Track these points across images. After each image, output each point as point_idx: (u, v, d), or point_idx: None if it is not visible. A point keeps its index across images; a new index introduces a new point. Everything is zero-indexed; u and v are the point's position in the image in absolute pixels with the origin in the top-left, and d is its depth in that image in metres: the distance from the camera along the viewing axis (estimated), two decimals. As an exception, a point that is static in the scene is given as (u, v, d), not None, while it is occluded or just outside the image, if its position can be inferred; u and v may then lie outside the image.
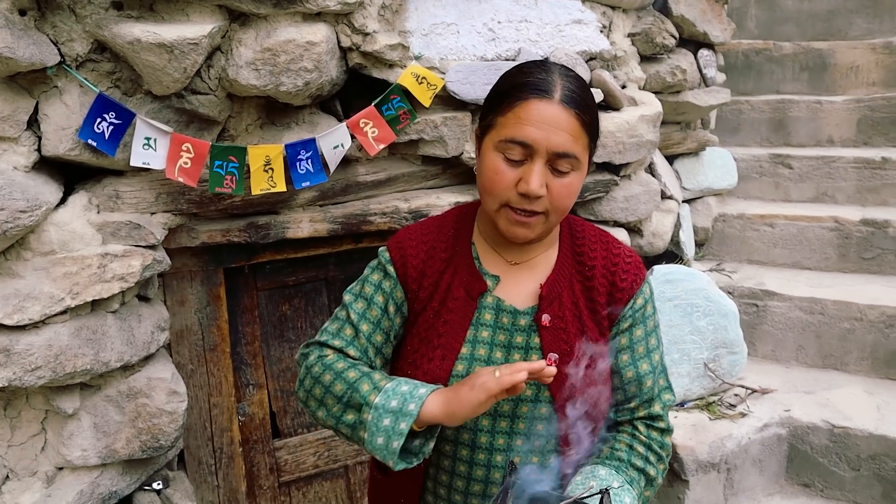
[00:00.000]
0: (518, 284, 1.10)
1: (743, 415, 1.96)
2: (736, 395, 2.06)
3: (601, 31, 1.97)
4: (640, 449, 1.09)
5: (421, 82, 1.64)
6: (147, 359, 1.52)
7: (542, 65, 1.03)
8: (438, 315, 1.09)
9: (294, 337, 1.90)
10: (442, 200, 1.77)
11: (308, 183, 1.55)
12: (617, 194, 2.02)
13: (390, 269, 1.10)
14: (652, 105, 2.00)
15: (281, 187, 1.51)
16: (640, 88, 2.10)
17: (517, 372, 0.93)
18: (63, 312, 1.34)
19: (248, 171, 1.48)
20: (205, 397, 1.75)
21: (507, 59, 1.80)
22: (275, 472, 1.91)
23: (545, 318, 1.07)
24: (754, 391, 2.06)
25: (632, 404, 1.11)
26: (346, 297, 1.11)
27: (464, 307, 1.09)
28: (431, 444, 0.98)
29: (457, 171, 1.84)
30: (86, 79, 1.32)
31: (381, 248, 1.13)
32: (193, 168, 1.42)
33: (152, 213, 1.47)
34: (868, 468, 1.82)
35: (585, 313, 1.09)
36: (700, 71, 2.27)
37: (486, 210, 1.04)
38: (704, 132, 2.52)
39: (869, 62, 3.18)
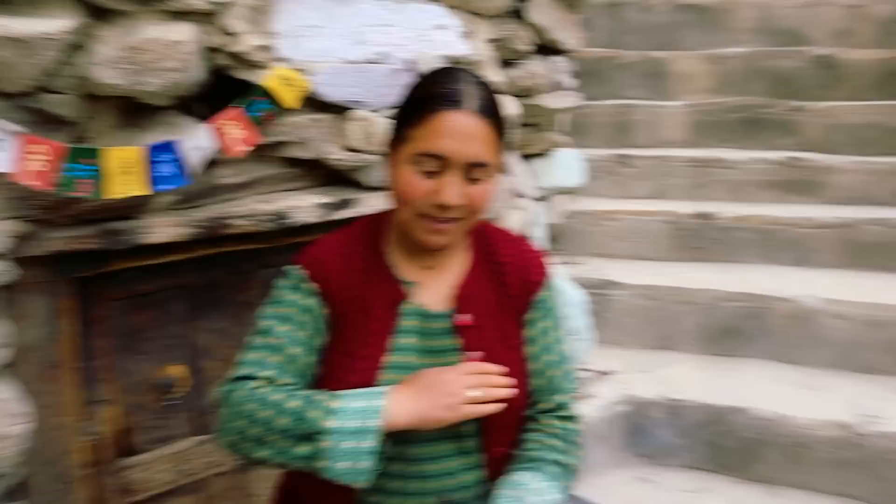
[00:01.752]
0: (435, 288, 1.15)
1: (589, 396, 2.23)
2: (582, 378, 2.32)
3: (463, 37, 2.13)
4: (549, 440, 1.16)
5: (287, 84, 1.70)
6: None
7: (451, 73, 1.08)
8: (362, 327, 1.12)
9: (150, 348, 1.88)
10: (304, 202, 1.83)
11: (169, 186, 1.56)
12: (477, 193, 2.20)
13: (310, 286, 1.12)
14: (510, 109, 2.19)
15: (141, 191, 1.52)
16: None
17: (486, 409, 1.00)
18: None
19: (106, 174, 1.48)
20: (49, 418, 1.70)
21: (374, 63, 1.91)
22: (126, 492, 1.88)
23: (465, 318, 1.13)
24: (599, 373, 2.34)
25: (539, 397, 1.19)
26: (265, 323, 1.11)
27: (386, 316, 1.12)
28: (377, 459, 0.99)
29: (320, 173, 1.92)
30: (-80, 75, 1.27)
31: (290, 267, 1.15)
32: (47, 171, 1.40)
33: (-6, 220, 1.43)
34: (698, 435, 2.15)
35: (501, 311, 1.17)
36: (554, 77, 2.50)
37: (401, 220, 1.10)
38: (557, 134, 2.77)
39: (700, 71, 3.64)
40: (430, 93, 1.05)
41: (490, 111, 1.05)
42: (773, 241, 2.77)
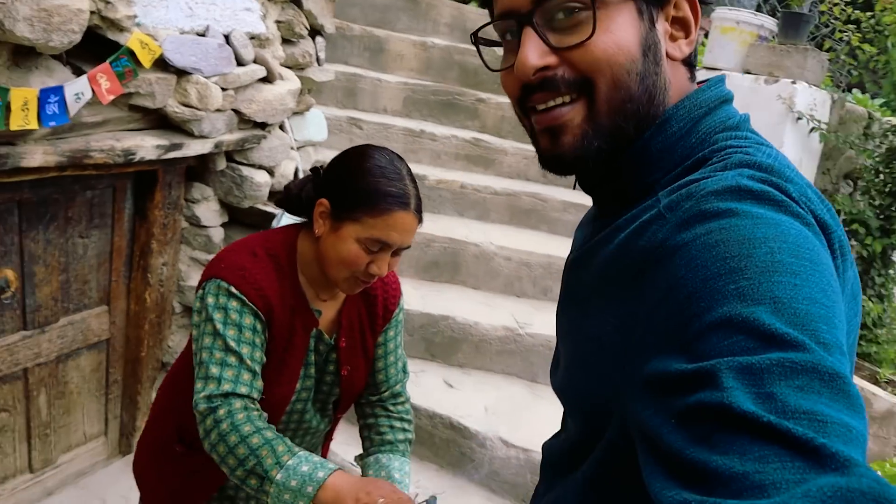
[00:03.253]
0: (326, 315, 1.48)
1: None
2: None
3: (261, 18, 2.76)
4: (397, 424, 1.57)
5: (144, 47, 2.19)
6: None
7: (398, 172, 1.32)
8: (285, 348, 1.40)
9: (-16, 254, 2.22)
10: (146, 143, 2.34)
11: (54, 123, 1.99)
12: (264, 145, 2.87)
13: (256, 310, 1.33)
14: (294, 81, 2.89)
15: (34, 125, 1.93)
16: (281, 65, 2.95)
17: None
18: None
19: (9, 109, 1.87)
20: None
21: (199, 34, 2.45)
22: (-39, 382, 2.23)
23: (343, 341, 1.48)
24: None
25: (380, 390, 1.59)
26: (229, 341, 1.29)
27: (302, 340, 1.42)
28: None
29: (153, 118, 2.42)
30: None
31: (222, 283, 1.32)
32: (-33, 104, 1.76)
33: (-89, 139, 1.74)
34: (418, 334, 3.14)
35: (368, 332, 1.53)
36: (317, 54, 3.24)
37: (331, 275, 1.36)
38: (309, 97, 3.51)
39: (410, 53, 4.59)
40: (386, 191, 1.28)
41: (421, 208, 1.35)
42: (464, 201, 3.89)
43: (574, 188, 0.92)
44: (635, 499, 0.67)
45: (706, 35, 4.16)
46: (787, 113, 3.43)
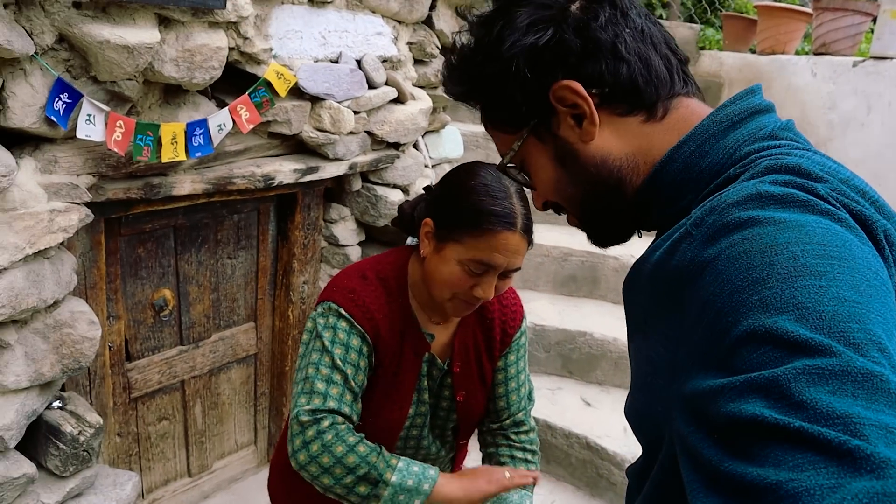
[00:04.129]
0: (439, 339, 1.45)
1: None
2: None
3: (392, 41, 2.85)
4: (519, 454, 1.53)
5: (279, 77, 2.33)
6: (65, 296, 2.01)
7: (504, 190, 1.27)
8: (395, 372, 1.39)
9: (145, 275, 2.44)
10: (284, 167, 2.49)
11: (200, 154, 2.15)
12: (398, 164, 2.95)
13: (363, 332, 1.35)
14: (426, 100, 2.96)
15: (182, 157, 2.10)
16: (413, 85, 3.03)
17: (525, 477, 1.32)
18: (22, 259, 1.80)
19: (160, 143, 2.05)
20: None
21: (332, 61, 2.57)
22: (127, 389, 2.47)
23: (457, 366, 1.45)
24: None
25: (501, 417, 1.54)
26: (336, 360, 1.32)
27: (413, 364, 1.41)
28: None
29: (290, 143, 2.57)
30: (48, 65, 1.78)
31: (333, 305, 1.35)
32: (123, 140, 1.95)
33: (78, 175, 1.96)
34: (554, 350, 3.10)
35: (484, 356, 1.49)
36: (449, 71, 3.29)
37: (436, 296, 1.34)
38: (444, 114, 3.57)
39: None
40: (490, 210, 1.24)
41: (531, 230, 1.28)
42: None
43: (640, 236, 0.95)
44: None
45: (874, 21, 3.80)
46: (971, 104, 3.06)
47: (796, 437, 0.47)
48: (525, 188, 0.94)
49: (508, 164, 0.91)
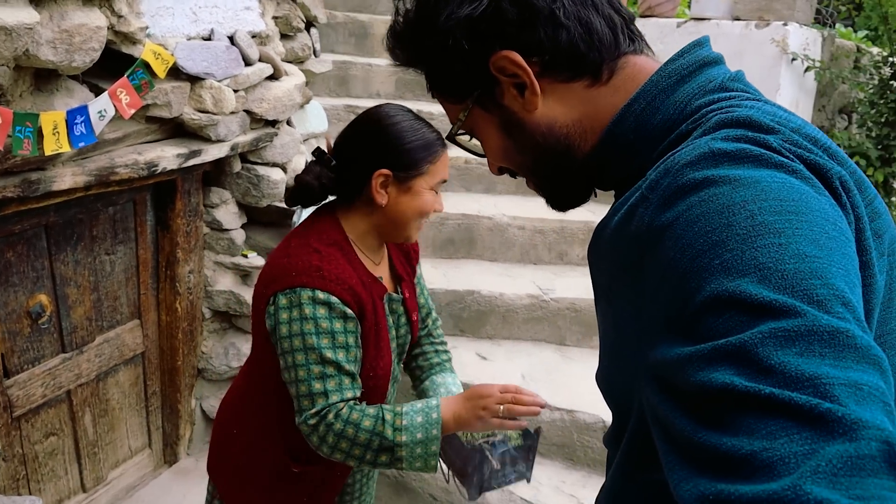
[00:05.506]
0: (384, 276, 1.56)
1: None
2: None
3: (260, 16, 2.76)
4: (440, 347, 1.76)
5: (157, 58, 2.21)
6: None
7: (418, 118, 1.47)
8: (376, 326, 1.47)
9: (17, 281, 2.24)
10: (167, 153, 2.36)
11: (83, 143, 2.00)
12: (276, 143, 2.89)
13: (349, 311, 1.38)
14: (299, 75, 2.90)
15: (66, 148, 1.95)
16: (282, 60, 2.96)
17: (517, 413, 1.38)
18: None
19: (41, 134, 1.88)
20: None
21: (204, 38, 2.46)
22: (8, 409, 2.26)
23: (405, 292, 1.60)
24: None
25: (426, 319, 1.75)
26: (328, 354, 1.34)
27: (381, 310, 1.50)
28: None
29: (169, 127, 2.44)
30: None
31: (305, 291, 1.34)
32: (0, 133, 1.77)
33: (-50, 175, 1.76)
34: (445, 311, 3.19)
35: (411, 273, 1.65)
36: (313, 45, 3.25)
37: (406, 229, 1.47)
38: (307, 89, 3.52)
39: (396, 34, 4.60)
40: (428, 138, 1.44)
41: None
42: (469, 176, 3.92)
43: (595, 196, 0.94)
44: (659, 487, 0.68)
45: (689, -15, 4.19)
46: (780, 56, 3.48)
47: (768, 404, 0.47)
48: (478, 156, 0.94)
49: (458, 133, 0.90)
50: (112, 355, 2.63)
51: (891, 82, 3.83)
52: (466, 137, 0.92)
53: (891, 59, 3.83)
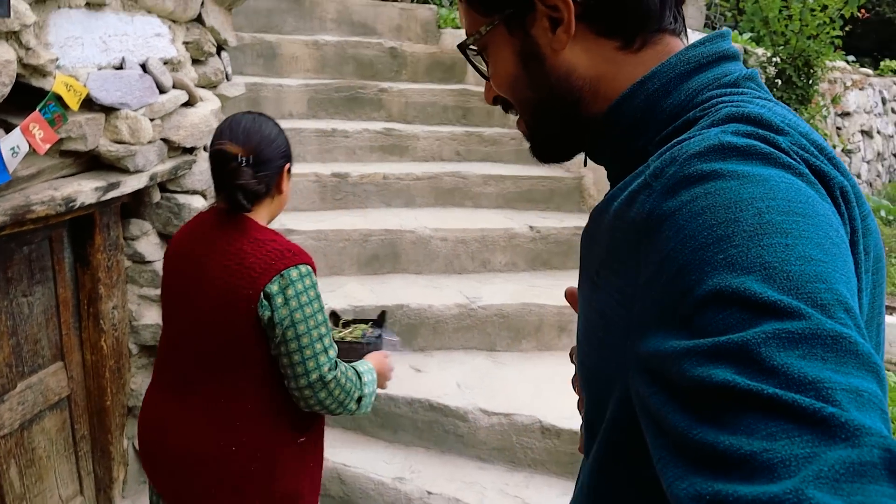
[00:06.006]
0: None
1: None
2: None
3: (170, 42, 2.72)
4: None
5: (69, 90, 2.14)
6: None
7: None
8: None
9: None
10: (84, 187, 2.28)
11: (-2, 182, 1.93)
12: (195, 169, 2.84)
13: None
14: (214, 100, 2.86)
15: (-21, 188, 1.87)
16: (195, 86, 2.92)
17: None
18: None
19: (-48, 176, 1.79)
20: None
21: (116, 67, 2.40)
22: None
23: None
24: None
25: None
26: (322, 327, 1.67)
27: None
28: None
29: (84, 160, 2.36)
30: None
31: (308, 267, 1.67)
32: (-90, 177, 1.69)
33: None
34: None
35: None
36: (225, 69, 3.21)
37: (281, 209, 1.94)
38: (222, 114, 3.47)
39: (304, 53, 4.59)
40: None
41: None
42: (388, 191, 3.95)
43: (585, 165, 0.94)
44: (640, 479, 0.67)
45: None
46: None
47: (769, 405, 0.46)
48: (482, 76, 0.87)
49: (470, 45, 0.84)
50: (36, 401, 2.52)
51: (776, 80, 4.11)
52: (474, 54, 0.86)
53: (773, 59, 4.11)
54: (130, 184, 2.45)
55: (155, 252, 2.79)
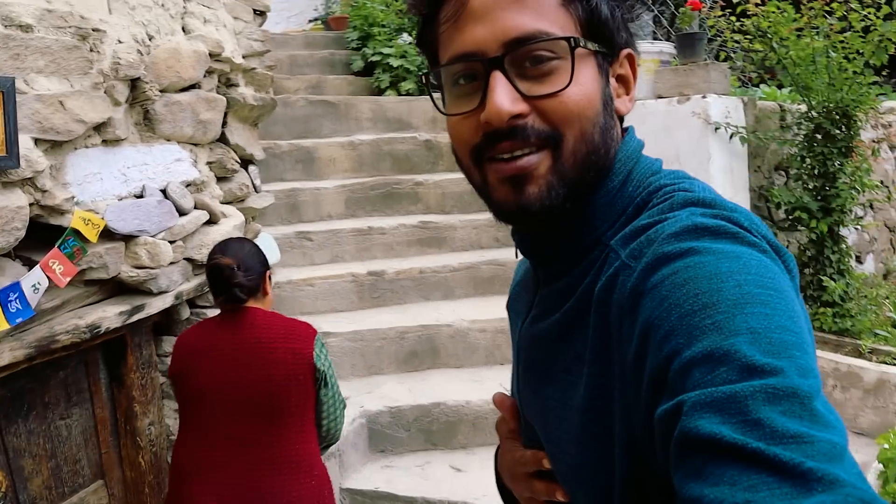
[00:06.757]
0: None
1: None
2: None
3: (192, 164, 2.87)
4: None
5: (87, 224, 2.28)
6: None
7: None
8: None
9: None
10: (108, 312, 2.40)
11: (21, 319, 2.04)
12: (223, 283, 2.94)
13: None
14: (237, 216, 2.99)
15: (3, 326, 1.98)
16: (221, 203, 3.06)
17: None
18: None
19: (-29, 317, 1.92)
20: None
21: (137, 196, 2.55)
22: None
23: None
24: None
25: None
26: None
27: None
28: None
29: (109, 286, 2.49)
30: None
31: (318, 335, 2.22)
32: (-70, 324, 1.81)
33: None
34: (414, 427, 3.18)
35: None
36: (252, 182, 3.36)
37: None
38: (256, 224, 3.61)
39: (341, 154, 4.76)
40: None
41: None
42: (426, 285, 3.98)
43: (516, 256, 0.92)
44: None
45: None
46: (705, 126, 3.64)
47: (753, 458, 0.48)
48: (512, 81, 0.74)
49: (575, 46, 0.74)
50: (77, 522, 2.58)
51: (815, 135, 3.99)
52: (552, 56, 0.74)
53: (810, 113, 4.01)
54: (156, 305, 2.55)
55: (188, 366, 2.87)
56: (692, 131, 3.73)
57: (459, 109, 0.78)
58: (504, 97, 0.72)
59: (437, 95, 0.84)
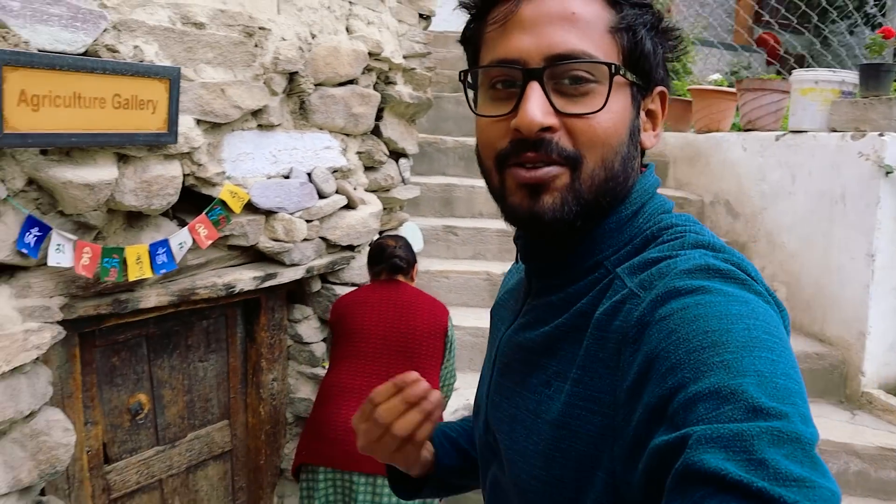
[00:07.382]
0: None
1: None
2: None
3: (341, 153, 3.15)
4: None
5: (234, 196, 2.61)
6: (42, 406, 2.21)
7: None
8: None
9: (120, 382, 2.65)
10: (244, 276, 2.74)
11: (165, 270, 2.40)
12: (353, 265, 3.21)
13: None
14: (376, 204, 3.24)
15: (148, 274, 2.35)
16: (365, 191, 3.32)
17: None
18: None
19: (126, 263, 2.30)
20: (56, 439, 2.44)
21: (284, 177, 2.87)
22: (106, 491, 2.63)
23: None
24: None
25: None
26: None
27: None
28: None
29: (249, 253, 2.83)
30: (19, 205, 2.05)
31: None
32: (91, 264, 2.20)
33: (50, 297, 2.20)
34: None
35: None
36: (401, 174, 3.59)
37: None
38: (403, 213, 3.85)
39: (503, 156, 4.90)
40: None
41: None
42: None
43: (517, 261, 0.96)
44: None
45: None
46: (878, 167, 3.33)
47: (757, 497, 0.49)
48: (548, 94, 0.76)
49: (615, 73, 0.77)
50: (202, 451, 2.97)
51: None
52: (591, 79, 0.77)
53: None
54: (287, 275, 2.86)
55: (313, 335, 3.17)
56: (863, 171, 3.43)
57: (492, 112, 0.80)
58: (537, 108, 0.75)
59: (471, 94, 0.88)
